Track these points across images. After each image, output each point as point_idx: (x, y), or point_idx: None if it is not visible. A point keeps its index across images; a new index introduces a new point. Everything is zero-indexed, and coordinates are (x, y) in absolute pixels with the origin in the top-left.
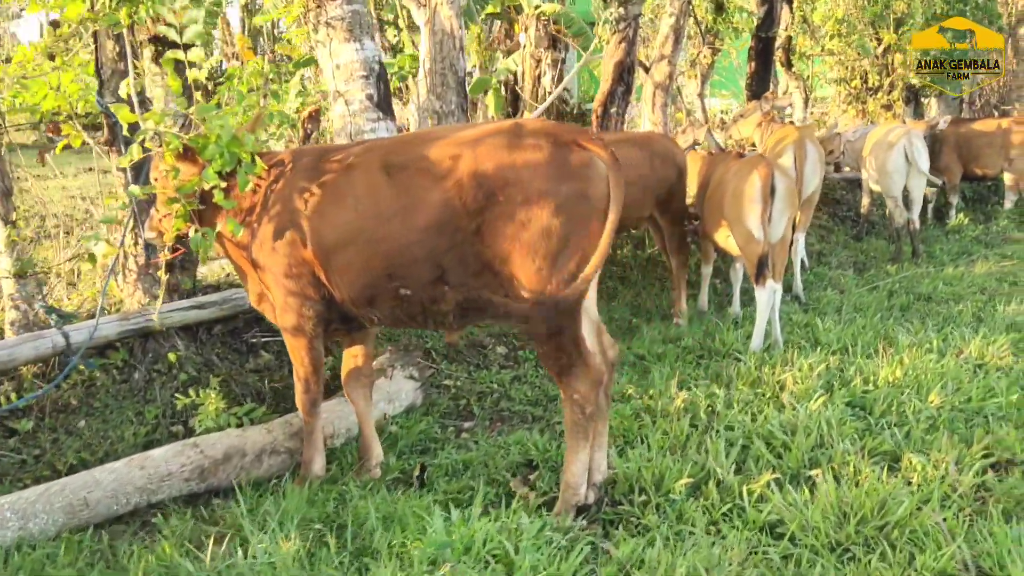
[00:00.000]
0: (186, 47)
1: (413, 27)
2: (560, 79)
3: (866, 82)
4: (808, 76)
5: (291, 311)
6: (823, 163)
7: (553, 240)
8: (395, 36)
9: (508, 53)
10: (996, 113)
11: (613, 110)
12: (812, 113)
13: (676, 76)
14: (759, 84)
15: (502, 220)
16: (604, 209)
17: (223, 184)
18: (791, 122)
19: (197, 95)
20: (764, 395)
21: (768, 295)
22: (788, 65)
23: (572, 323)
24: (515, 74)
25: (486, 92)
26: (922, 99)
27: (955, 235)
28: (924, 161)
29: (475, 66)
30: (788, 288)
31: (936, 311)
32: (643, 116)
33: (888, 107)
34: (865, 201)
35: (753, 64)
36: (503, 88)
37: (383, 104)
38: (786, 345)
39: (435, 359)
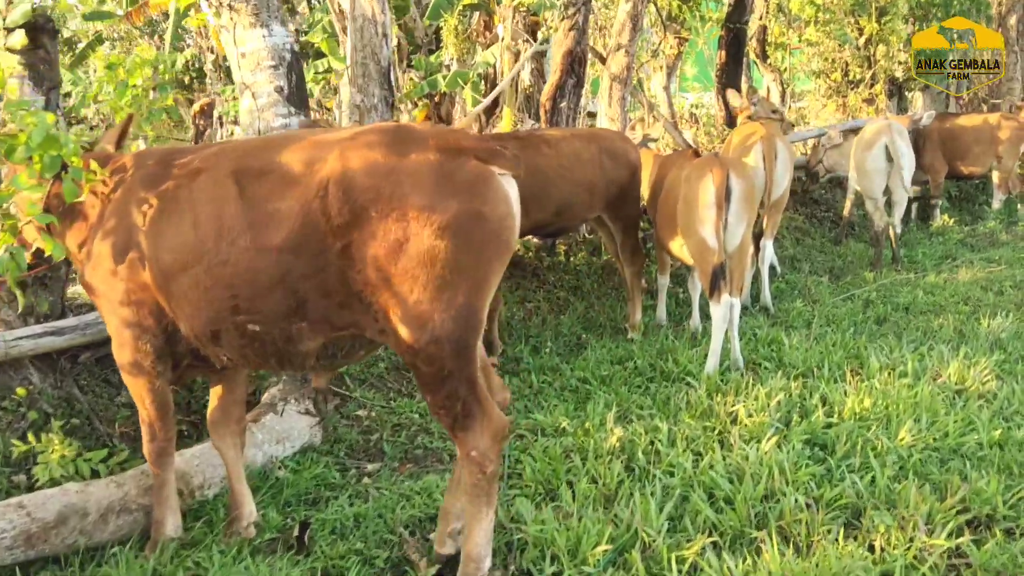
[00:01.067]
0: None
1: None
2: (541, 72)
3: (847, 75)
4: (785, 68)
5: (127, 345)
6: (792, 163)
7: (437, 266)
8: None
9: (487, 46)
10: (985, 108)
11: (563, 104)
12: (790, 108)
13: (634, 68)
14: (729, 77)
15: (375, 240)
16: (505, 233)
17: (38, 192)
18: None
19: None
20: (713, 430)
21: (723, 311)
22: (763, 56)
23: (466, 366)
24: (494, 67)
25: (463, 86)
26: (906, 93)
27: (939, 238)
28: (908, 160)
29: (453, 58)
30: (757, 298)
31: (914, 325)
32: (599, 111)
33: (870, 101)
34: (848, 203)
35: (723, 55)
36: (483, 82)
37: (295, 97)
38: (747, 365)
39: (348, 385)
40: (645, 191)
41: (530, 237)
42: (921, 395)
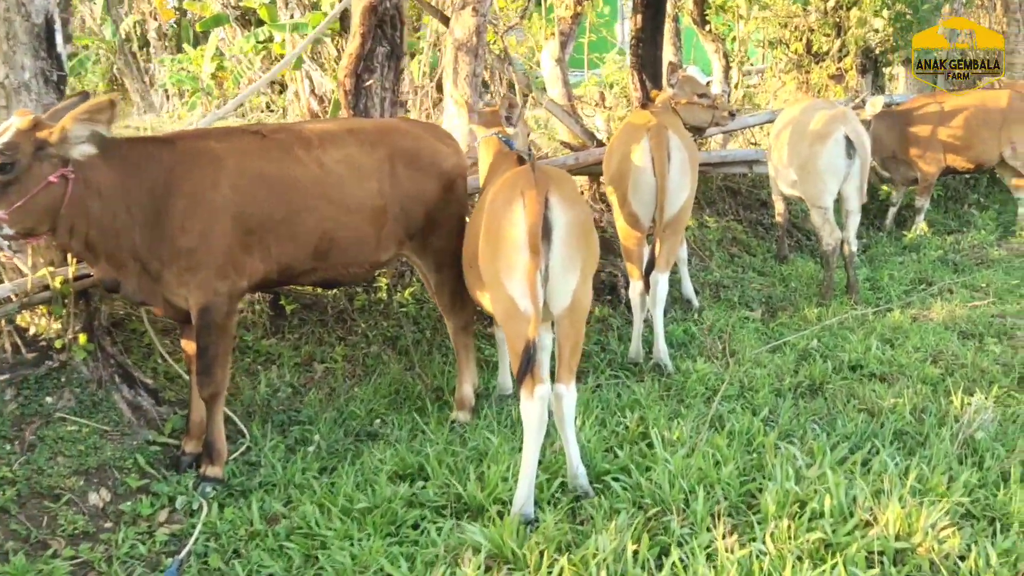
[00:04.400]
0: None
1: None
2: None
3: (810, 46)
4: (734, 37)
5: None
6: (695, 165)
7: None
8: None
9: None
10: (978, 84)
11: (371, 81)
12: (740, 85)
13: (484, 31)
14: (647, 48)
15: None
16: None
17: None
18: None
19: None
20: None
21: (537, 410)
22: (702, 21)
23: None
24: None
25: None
26: (883, 69)
27: (913, 254)
28: (866, 157)
29: None
30: (651, 350)
31: (859, 399)
32: (446, 91)
33: (838, 78)
34: (779, 206)
35: (638, 19)
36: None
37: None
38: (580, 503)
39: None
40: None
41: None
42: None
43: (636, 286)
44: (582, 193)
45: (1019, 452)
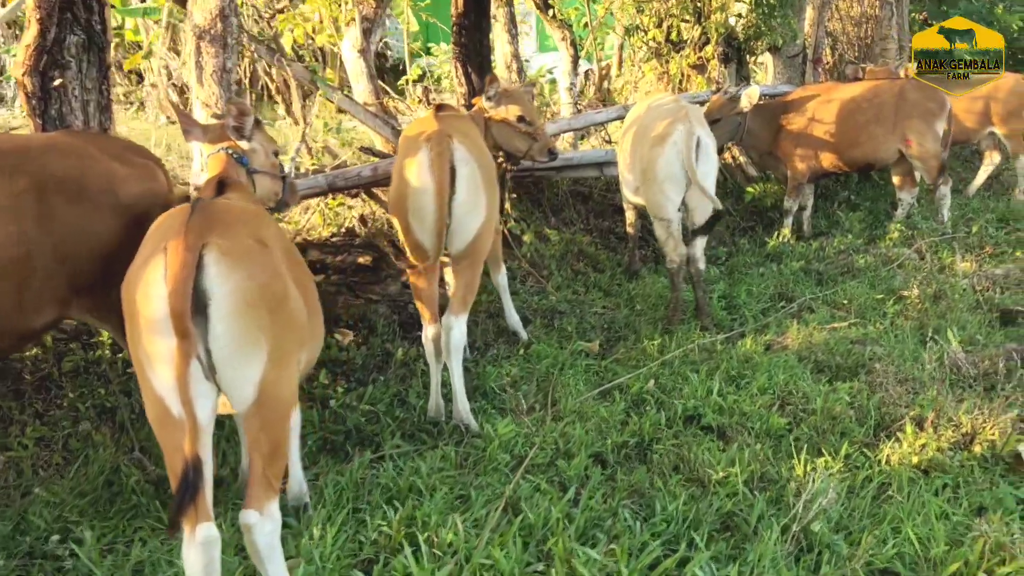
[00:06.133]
0: None
1: None
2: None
3: (669, 33)
4: (585, 23)
5: None
6: (493, 180)
7: None
8: None
9: None
10: (849, 72)
11: (61, 80)
12: (587, 76)
13: (233, 14)
14: (470, 35)
15: None
16: None
17: None
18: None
19: None
20: None
21: (200, 560)
22: (544, 5)
23: None
24: None
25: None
26: (747, 57)
27: (774, 264)
28: (713, 161)
29: None
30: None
31: (688, 466)
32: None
33: (700, 67)
34: (629, 215)
35: (460, 3)
36: None
37: None
38: None
39: None
40: None
41: None
42: None
43: (429, 330)
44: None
45: (864, 552)
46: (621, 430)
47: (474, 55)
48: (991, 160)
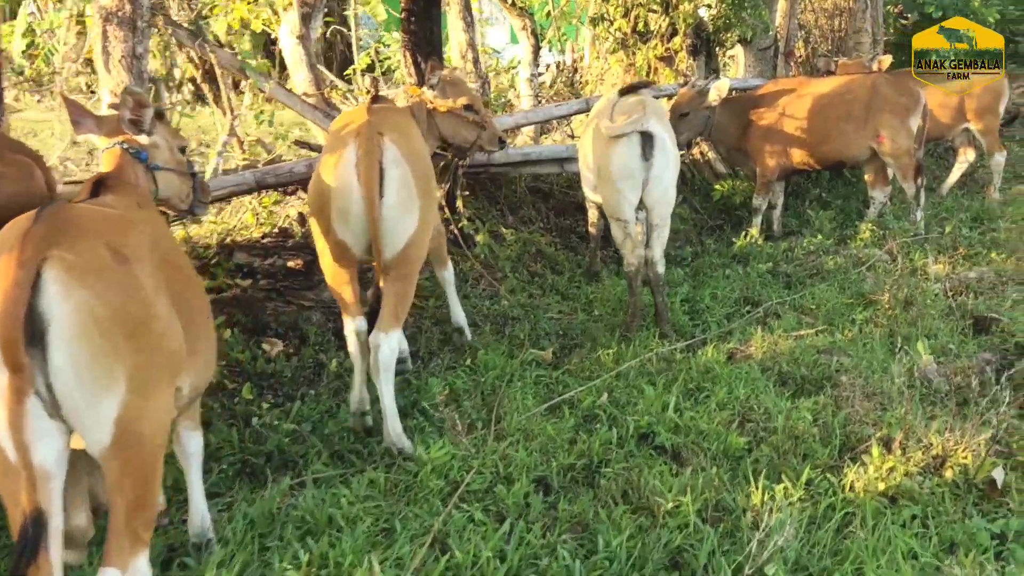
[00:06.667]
0: None
1: None
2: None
3: (637, 23)
4: (548, 12)
5: None
6: (425, 180)
7: None
8: None
9: None
10: (820, 66)
11: None
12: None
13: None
14: (420, 23)
15: None
16: None
17: None
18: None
19: None
20: None
21: None
22: None
23: None
24: None
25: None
26: (716, 49)
27: (740, 266)
28: (673, 158)
29: None
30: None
31: (637, 492)
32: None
33: (668, 60)
34: (591, 214)
35: None
36: None
37: None
38: None
39: None
40: None
41: None
42: None
43: (351, 323)
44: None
45: None
46: (568, 450)
47: (424, 44)
48: (965, 157)
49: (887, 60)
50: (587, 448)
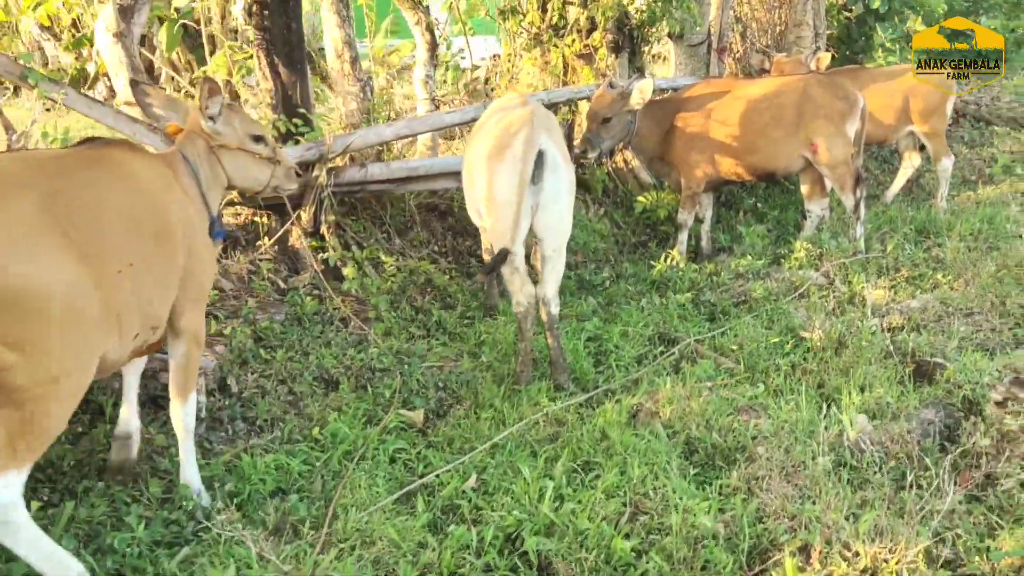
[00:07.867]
0: None
1: None
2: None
3: (552, 16)
4: (452, 5)
5: None
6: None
7: None
8: None
9: None
10: (754, 63)
11: None
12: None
13: None
14: (274, 17)
15: None
16: None
17: None
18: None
19: None
20: None
21: None
22: None
23: None
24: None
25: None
26: (643, 47)
27: (658, 291)
28: (567, 175)
29: None
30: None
31: None
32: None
33: (587, 57)
34: (486, 240)
35: None
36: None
37: None
38: None
39: None
40: None
41: None
42: None
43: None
44: None
45: None
46: (413, 562)
47: (280, 42)
48: (911, 162)
49: (826, 58)
50: (437, 559)
